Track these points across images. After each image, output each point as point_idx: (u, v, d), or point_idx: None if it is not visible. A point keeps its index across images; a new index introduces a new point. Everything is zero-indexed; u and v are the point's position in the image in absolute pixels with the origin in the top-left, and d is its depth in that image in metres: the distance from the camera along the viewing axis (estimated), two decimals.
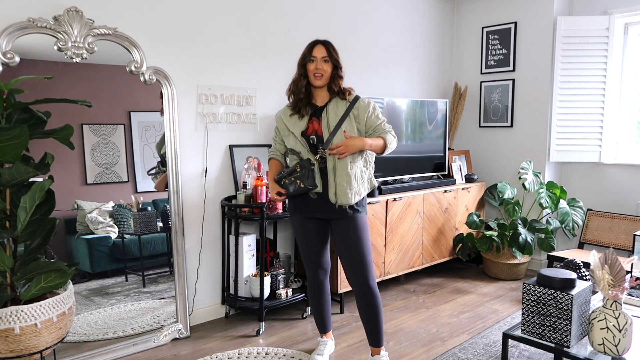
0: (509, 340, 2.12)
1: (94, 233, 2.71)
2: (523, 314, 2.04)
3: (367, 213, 2.47)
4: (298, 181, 2.30)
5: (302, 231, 2.48)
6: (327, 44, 2.34)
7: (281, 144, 2.50)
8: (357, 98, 2.38)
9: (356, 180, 2.33)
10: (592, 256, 1.93)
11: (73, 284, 2.09)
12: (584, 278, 2.70)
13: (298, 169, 2.31)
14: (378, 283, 3.70)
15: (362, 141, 2.29)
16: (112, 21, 2.59)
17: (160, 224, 2.96)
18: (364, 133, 2.39)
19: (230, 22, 3.11)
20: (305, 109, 2.37)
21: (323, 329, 2.68)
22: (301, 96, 2.37)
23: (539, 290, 1.98)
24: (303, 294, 3.20)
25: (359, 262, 2.35)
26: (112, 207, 2.78)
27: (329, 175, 2.32)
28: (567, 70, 3.97)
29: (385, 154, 2.42)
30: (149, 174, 2.88)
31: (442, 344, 2.83)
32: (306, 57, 2.33)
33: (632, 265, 2.46)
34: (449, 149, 4.42)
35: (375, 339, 2.46)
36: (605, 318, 1.83)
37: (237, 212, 2.99)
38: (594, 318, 1.87)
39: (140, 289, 2.90)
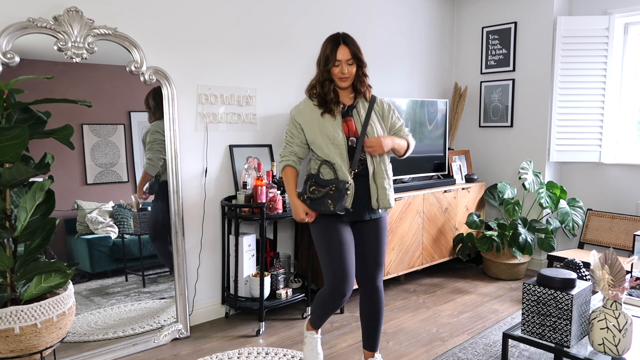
0: (509, 340, 2.12)
1: (94, 233, 2.71)
2: (523, 314, 2.04)
3: None
4: (329, 201, 2.15)
5: (338, 238, 2.21)
6: (349, 43, 2.18)
7: (300, 146, 2.27)
8: (374, 97, 2.32)
9: (388, 182, 2.28)
10: (592, 256, 1.93)
11: (73, 284, 2.09)
12: (584, 278, 2.70)
13: (332, 189, 2.15)
14: None
15: (392, 140, 2.25)
16: (112, 21, 2.59)
17: None
18: (389, 131, 2.34)
19: (230, 22, 3.11)
20: (337, 107, 2.22)
21: (318, 326, 2.52)
22: (329, 98, 2.21)
23: (539, 290, 1.98)
24: (303, 294, 3.20)
25: (378, 260, 2.31)
26: (112, 207, 2.78)
27: (370, 181, 2.22)
28: (567, 70, 3.97)
29: (405, 157, 2.37)
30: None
31: (442, 344, 2.83)
32: (329, 60, 2.17)
33: (632, 265, 2.46)
34: (449, 149, 4.42)
35: (372, 341, 2.38)
36: (605, 318, 1.83)
37: (237, 212, 2.99)
38: (594, 318, 1.87)
39: (140, 289, 2.90)
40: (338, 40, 2.18)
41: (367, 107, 2.27)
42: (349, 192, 2.16)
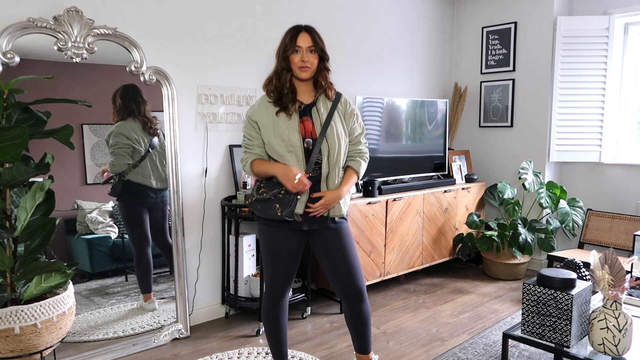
0: (509, 340, 2.12)
1: (94, 233, 2.71)
2: (523, 314, 2.04)
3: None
4: (277, 205, 2.01)
5: (278, 244, 2.11)
6: (312, 31, 2.04)
7: (262, 147, 2.10)
8: (340, 94, 2.17)
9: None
10: (592, 256, 1.93)
11: (73, 284, 2.09)
12: (584, 278, 2.70)
13: (282, 192, 2.01)
14: (378, 283, 3.72)
15: (340, 192, 2.09)
16: (112, 21, 2.59)
17: None
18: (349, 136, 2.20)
19: (230, 22, 3.11)
20: (293, 105, 2.06)
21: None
22: (285, 91, 2.05)
23: (539, 290, 1.98)
24: (303, 294, 3.20)
25: (355, 268, 2.15)
26: (112, 207, 2.78)
27: (321, 186, 2.09)
28: (567, 70, 3.97)
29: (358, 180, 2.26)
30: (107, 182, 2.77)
31: (442, 344, 2.83)
32: (288, 47, 2.02)
33: (632, 265, 2.46)
34: (449, 149, 4.42)
35: (366, 344, 2.26)
36: (605, 318, 1.83)
37: (237, 212, 2.99)
38: (594, 318, 1.87)
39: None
40: (299, 28, 2.05)
41: (330, 106, 2.11)
42: (299, 197, 2.02)
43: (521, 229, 3.84)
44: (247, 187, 3.06)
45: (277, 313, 2.21)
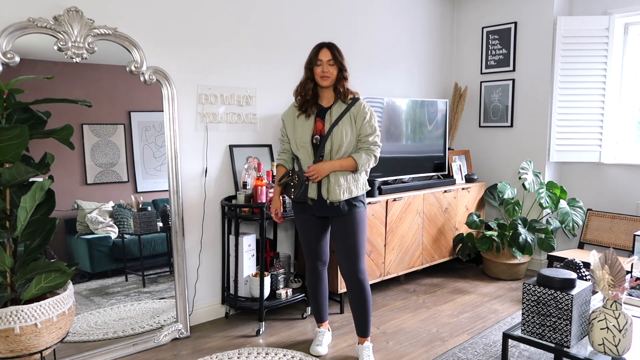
0: (509, 340, 2.12)
1: (94, 233, 2.71)
2: (523, 314, 2.04)
3: (366, 209, 2.55)
4: (293, 190, 2.48)
5: (303, 227, 2.60)
6: (332, 47, 2.44)
7: (289, 142, 2.59)
8: (356, 99, 2.49)
9: (345, 179, 2.44)
10: (592, 256, 1.93)
11: (73, 284, 2.09)
12: (584, 278, 2.70)
13: (296, 179, 2.48)
14: (378, 283, 3.72)
15: (331, 164, 2.42)
16: (112, 21, 2.59)
17: (160, 224, 2.96)
18: (357, 136, 2.48)
19: (230, 22, 3.11)
20: (312, 109, 2.48)
21: (320, 318, 2.79)
22: (307, 97, 2.48)
23: (539, 290, 1.98)
24: (303, 294, 3.20)
25: (350, 252, 2.48)
26: (112, 207, 2.78)
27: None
28: (567, 70, 3.97)
29: (360, 172, 2.49)
30: None
31: (442, 344, 2.83)
32: (312, 60, 2.44)
33: (632, 265, 2.46)
34: (449, 149, 4.42)
35: (361, 329, 2.58)
36: (605, 318, 1.83)
37: (237, 212, 2.99)
38: (594, 318, 1.87)
39: (140, 289, 2.90)
40: (322, 45, 2.46)
41: (343, 109, 2.45)
42: (306, 182, 2.44)
43: (521, 229, 3.84)
44: (247, 187, 3.06)
45: (314, 281, 2.70)
